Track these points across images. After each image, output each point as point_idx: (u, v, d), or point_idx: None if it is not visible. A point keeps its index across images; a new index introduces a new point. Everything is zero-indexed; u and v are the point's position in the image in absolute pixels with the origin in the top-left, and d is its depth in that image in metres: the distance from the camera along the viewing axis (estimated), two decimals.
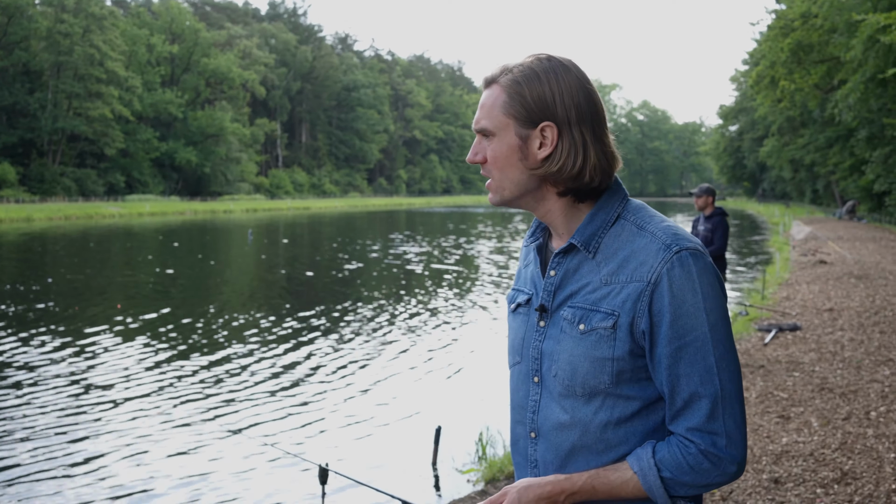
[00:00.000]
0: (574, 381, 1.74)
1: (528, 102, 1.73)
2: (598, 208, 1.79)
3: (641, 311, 1.68)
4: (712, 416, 1.67)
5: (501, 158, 1.76)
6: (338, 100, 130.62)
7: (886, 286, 16.03)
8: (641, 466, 1.70)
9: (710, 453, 1.67)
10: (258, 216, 69.91)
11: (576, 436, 1.75)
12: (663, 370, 1.69)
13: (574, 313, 1.75)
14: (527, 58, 1.78)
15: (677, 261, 1.68)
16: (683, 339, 1.67)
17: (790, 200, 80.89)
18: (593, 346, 1.71)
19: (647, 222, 1.76)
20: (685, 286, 1.67)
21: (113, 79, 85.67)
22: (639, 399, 1.73)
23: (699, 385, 1.67)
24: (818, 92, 38.55)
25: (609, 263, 1.74)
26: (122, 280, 21.38)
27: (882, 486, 5.49)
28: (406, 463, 7.22)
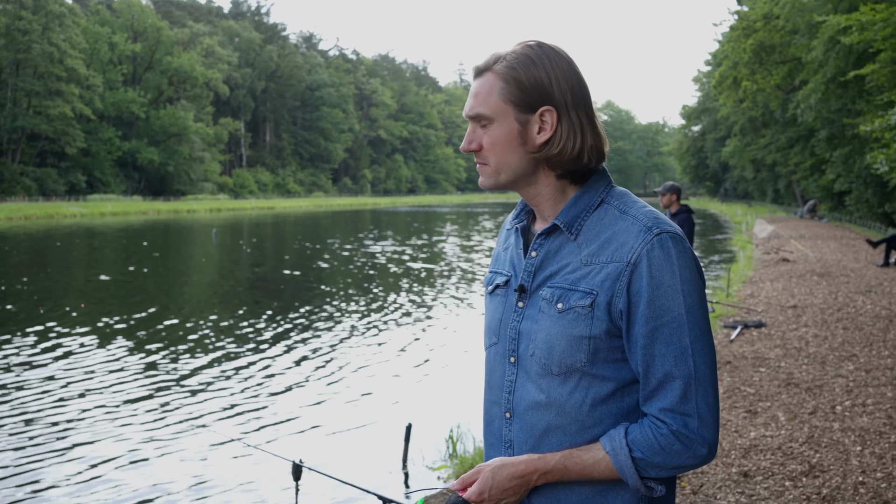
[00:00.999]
0: (551, 360, 1.76)
1: (526, 88, 1.76)
2: (582, 191, 1.83)
3: (620, 290, 1.71)
4: (685, 398, 1.70)
5: (501, 144, 1.79)
6: (302, 99, 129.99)
7: (848, 283, 16.26)
8: (613, 446, 1.72)
9: (681, 434, 1.69)
10: (222, 216, 69.41)
11: (551, 416, 1.78)
12: (639, 350, 1.71)
13: (553, 293, 1.78)
14: (516, 45, 1.81)
15: (657, 243, 1.72)
16: (660, 319, 1.70)
17: (752, 200, 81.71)
18: (571, 325, 1.74)
19: (630, 207, 1.80)
20: (664, 268, 1.70)
21: (73, 77, 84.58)
22: (614, 380, 1.76)
23: (673, 366, 1.70)
24: (780, 92, 39.04)
25: (590, 245, 1.77)
26: (85, 280, 21.11)
27: (849, 478, 5.57)
28: (377, 460, 7.21)
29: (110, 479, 6.79)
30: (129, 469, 7.01)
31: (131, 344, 12.24)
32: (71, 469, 7.00)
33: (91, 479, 6.76)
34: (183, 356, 11.49)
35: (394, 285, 19.98)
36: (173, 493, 6.50)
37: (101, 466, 7.07)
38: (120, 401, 9.10)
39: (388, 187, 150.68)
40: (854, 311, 12.75)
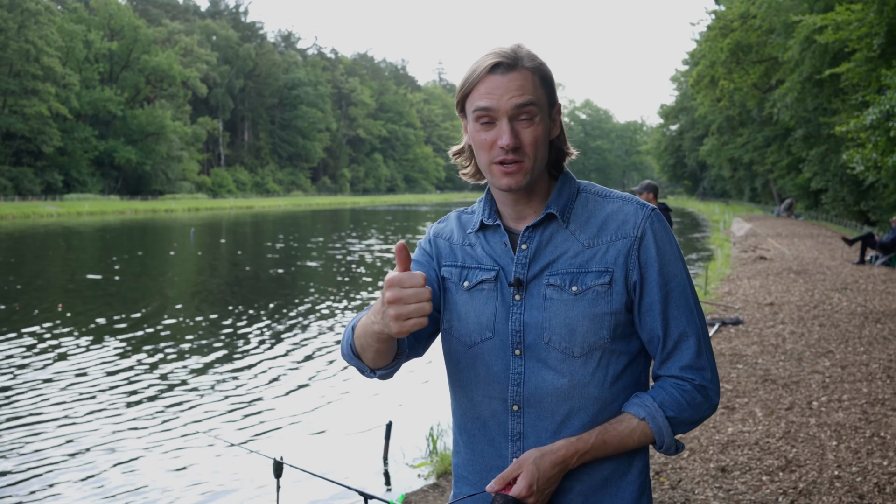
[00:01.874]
0: (572, 342, 1.81)
1: (549, 85, 1.85)
2: (561, 183, 1.91)
3: (632, 263, 1.82)
4: (699, 353, 1.85)
5: (542, 139, 1.82)
6: (280, 98, 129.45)
7: (824, 281, 16.40)
8: (649, 412, 1.82)
9: (701, 387, 1.84)
10: (200, 215, 69.06)
11: (575, 398, 1.83)
12: (657, 315, 1.83)
13: (562, 279, 1.83)
14: (518, 46, 1.84)
15: (655, 216, 1.85)
16: (669, 284, 1.83)
17: (730, 198, 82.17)
18: (591, 304, 1.81)
19: (608, 192, 1.92)
20: (664, 238, 1.84)
21: (50, 75, 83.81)
22: (626, 354, 1.86)
23: (686, 325, 1.84)
24: (756, 91, 39.29)
25: (585, 229, 1.86)
26: (62, 279, 20.96)
27: (825, 472, 5.63)
28: (358, 458, 7.22)
29: (90, 477, 6.77)
30: (109, 468, 6.99)
31: (109, 344, 12.17)
32: (49, 468, 6.97)
33: (70, 479, 6.73)
34: (162, 355, 11.44)
35: (374, 283, 19.96)
36: (153, 491, 6.49)
37: (80, 466, 7.04)
38: (98, 400, 9.06)
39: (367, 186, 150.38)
40: (830, 308, 12.87)
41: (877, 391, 7.77)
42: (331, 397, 9.40)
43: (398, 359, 1.90)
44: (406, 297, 1.60)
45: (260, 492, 6.39)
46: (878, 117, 17.06)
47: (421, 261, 2.05)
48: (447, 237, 2.04)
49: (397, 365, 1.93)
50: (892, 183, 20.15)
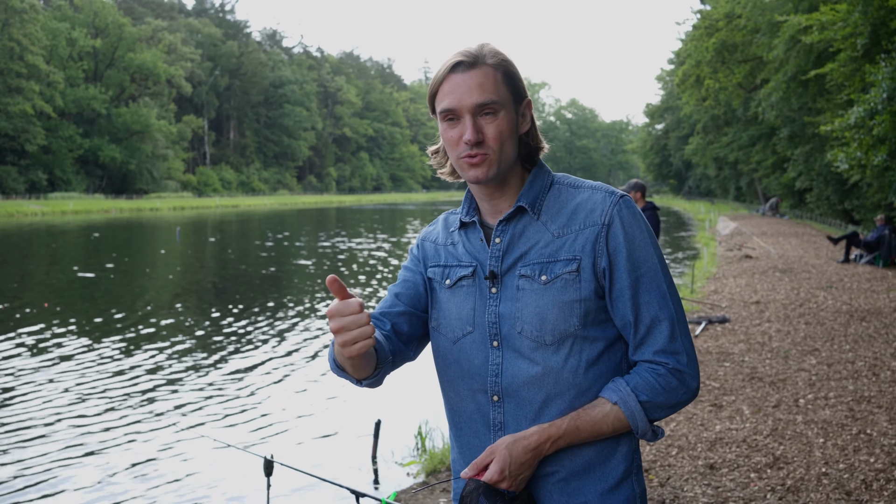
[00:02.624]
0: (543, 331, 1.85)
1: (516, 81, 1.89)
2: (533, 176, 1.96)
3: (600, 250, 1.84)
4: (673, 337, 1.85)
5: (506, 133, 1.86)
6: (266, 97, 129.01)
7: (809, 279, 16.49)
8: (621, 395, 1.83)
9: (676, 371, 1.84)
10: (186, 214, 68.78)
11: (549, 386, 1.86)
12: (626, 301, 1.85)
13: (532, 269, 1.87)
14: (483, 45, 1.89)
15: (623, 203, 1.88)
16: (639, 269, 1.85)
17: (715, 197, 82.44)
18: (560, 292, 1.84)
19: (580, 183, 1.96)
20: (633, 224, 1.86)
21: (34, 73, 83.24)
22: (602, 339, 1.88)
23: (658, 310, 1.85)
24: (742, 91, 39.43)
25: (556, 220, 1.90)
26: (49, 278, 20.85)
27: (812, 469, 5.67)
28: (347, 456, 7.22)
29: (79, 477, 6.74)
30: (100, 467, 6.97)
31: (97, 342, 12.12)
32: (35, 467, 6.94)
33: (57, 477, 6.71)
34: (151, 354, 11.40)
35: (364, 282, 19.93)
36: (144, 490, 6.47)
37: (67, 465, 7.02)
38: (86, 399, 9.02)
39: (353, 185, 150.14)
40: (816, 306, 12.94)
41: (863, 389, 7.82)
42: (320, 396, 9.39)
43: (380, 368, 1.94)
44: (346, 324, 1.67)
45: (250, 490, 6.38)
46: (862, 116, 17.16)
47: (410, 266, 2.13)
48: (433, 239, 2.11)
49: (382, 374, 1.97)
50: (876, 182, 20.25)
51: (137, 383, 9.80)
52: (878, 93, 16.61)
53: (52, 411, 8.57)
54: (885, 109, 16.28)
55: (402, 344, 2.04)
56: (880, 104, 16.43)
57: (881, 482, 5.39)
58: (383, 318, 2.05)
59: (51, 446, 7.50)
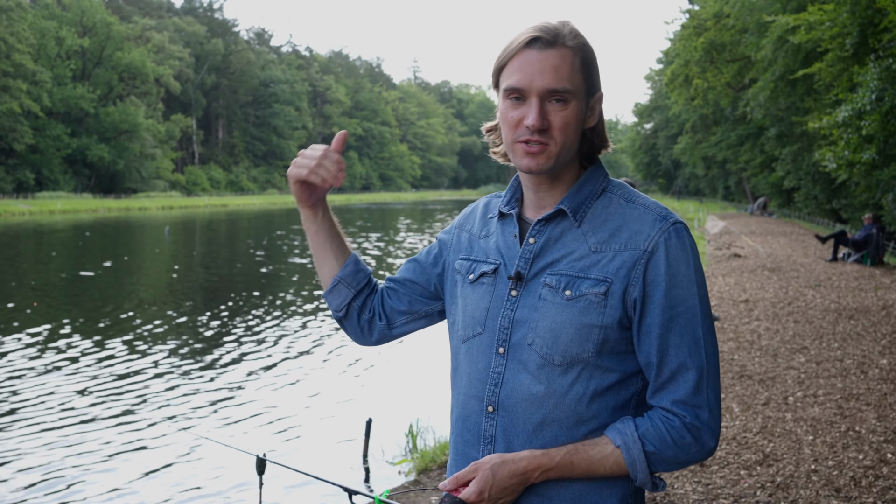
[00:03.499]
0: (554, 350, 1.69)
1: (594, 69, 1.73)
2: (584, 179, 1.78)
3: (636, 279, 1.67)
4: (698, 389, 1.67)
5: (573, 124, 1.70)
6: (254, 96, 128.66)
7: (798, 278, 16.57)
8: (625, 440, 1.67)
9: (693, 426, 1.67)
10: (174, 213, 68.59)
11: (548, 408, 1.71)
12: (653, 339, 1.67)
13: (558, 280, 1.71)
14: (563, 23, 1.74)
15: (674, 231, 1.69)
16: (675, 309, 1.66)
17: (704, 197, 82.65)
18: (581, 313, 1.68)
19: (636, 197, 1.77)
20: (680, 257, 1.67)
21: (21, 72, 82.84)
22: (617, 372, 1.71)
23: (687, 356, 1.67)
24: (730, 90, 39.51)
25: (598, 233, 1.72)
26: (37, 278, 20.76)
27: (802, 466, 5.71)
28: (338, 455, 7.24)
29: (69, 476, 6.73)
30: (91, 466, 6.97)
31: (89, 342, 12.09)
32: (26, 466, 6.93)
33: (48, 478, 6.70)
34: (143, 353, 11.39)
35: None
36: (136, 489, 6.47)
37: (59, 465, 7.01)
38: (79, 399, 9.01)
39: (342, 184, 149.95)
40: (804, 304, 13.01)
41: (851, 386, 7.87)
42: (313, 395, 9.41)
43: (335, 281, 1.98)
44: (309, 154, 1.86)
45: (243, 488, 6.39)
46: (850, 115, 17.24)
47: (433, 251, 2.04)
48: (469, 229, 1.97)
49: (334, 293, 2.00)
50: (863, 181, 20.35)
51: (129, 382, 9.79)
52: (865, 93, 16.69)
53: (41, 410, 8.55)
54: (873, 109, 16.36)
55: (381, 309, 2.02)
56: (869, 104, 16.51)
57: (870, 479, 5.44)
58: (388, 280, 2.04)
59: (41, 445, 7.48)
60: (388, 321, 2.03)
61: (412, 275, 2.03)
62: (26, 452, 7.30)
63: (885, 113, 16.08)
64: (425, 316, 2.04)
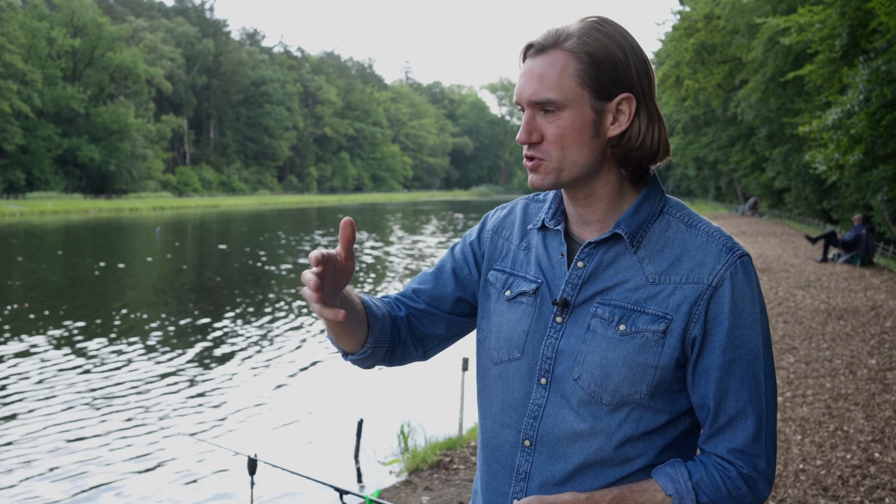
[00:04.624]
0: (603, 388, 1.55)
1: (606, 70, 1.53)
2: (643, 198, 1.61)
3: (697, 315, 1.52)
4: (757, 438, 1.55)
5: (571, 135, 1.53)
6: (246, 96, 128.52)
7: (788, 278, 16.63)
8: (678, 489, 1.53)
9: (749, 477, 1.55)
10: (166, 214, 68.48)
11: (593, 448, 1.57)
12: (712, 382, 1.54)
13: (612, 312, 1.56)
14: (581, 22, 1.57)
15: (741, 266, 1.54)
16: (738, 350, 1.53)
17: (695, 197, 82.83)
18: (637, 351, 1.53)
19: (697, 221, 1.60)
20: (745, 294, 1.53)
21: (11, 72, 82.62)
22: (667, 413, 1.58)
23: (748, 402, 1.54)
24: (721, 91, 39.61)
25: (656, 261, 1.57)
26: (29, 278, 20.72)
27: (790, 465, 5.75)
28: (329, 455, 7.26)
29: (62, 476, 6.74)
30: (83, 466, 6.97)
31: (81, 343, 12.09)
32: (18, 466, 6.93)
33: (43, 477, 6.70)
34: (134, 354, 11.39)
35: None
36: (128, 490, 6.48)
37: (53, 464, 7.01)
38: (70, 399, 9.01)
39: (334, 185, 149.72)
40: (794, 305, 13.06)
41: (840, 386, 7.92)
42: (304, 395, 9.45)
43: (370, 348, 1.67)
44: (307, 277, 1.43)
45: (234, 489, 6.41)
46: (839, 117, 17.32)
47: (458, 258, 1.82)
48: (507, 236, 1.77)
49: (373, 355, 1.70)
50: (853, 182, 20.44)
51: (120, 382, 9.80)
52: (854, 94, 16.78)
53: (32, 410, 8.54)
54: (861, 110, 16.45)
55: (413, 338, 1.76)
56: (857, 105, 16.60)
57: (857, 478, 5.48)
58: (401, 304, 1.78)
59: (32, 445, 7.49)
60: (424, 349, 1.82)
61: (448, 290, 1.80)
62: (19, 453, 7.30)
63: (871, 113, 16.16)
64: (463, 333, 1.86)
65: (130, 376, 10.14)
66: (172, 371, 10.44)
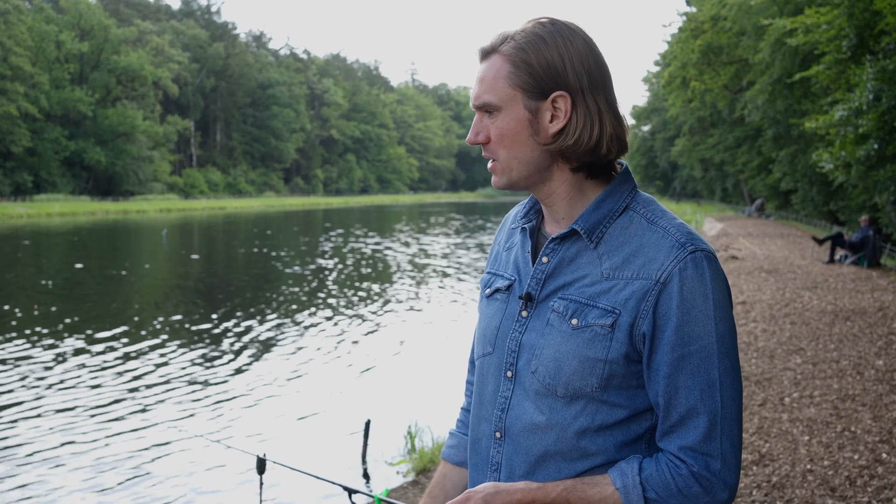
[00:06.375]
0: (557, 381, 1.57)
1: (537, 70, 1.56)
2: (606, 194, 1.63)
3: (645, 311, 1.53)
4: (709, 436, 1.52)
5: (510, 135, 1.58)
6: (253, 98, 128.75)
7: (795, 280, 16.61)
8: (625, 483, 1.54)
9: (702, 476, 1.52)
10: (172, 216, 68.63)
11: (550, 440, 1.59)
12: (661, 379, 1.54)
13: (566, 306, 1.59)
14: (527, 23, 1.62)
15: (691, 261, 1.53)
16: (687, 347, 1.52)
17: (701, 199, 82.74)
18: (586, 345, 1.55)
19: (660, 217, 1.60)
20: (696, 290, 1.52)
21: (18, 75, 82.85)
22: (626, 408, 1.58)
23: (699, 400, 1.52)
24: (727, 93, 39.59)
25: (613, 256, 1.58)
26: (38, 280, 20.78)
27: (797, 466, 5.75)
28: (337, 455, 7.28)
29: (72, 476, 6.76)
30: (92, 466, 6.99)
31: (89, 344, 12.12)
32: (28, 465, 6.95)
33: (52, 476, 6.73)
34: (144, 354, 11.42)
35: (351, 283, 19.96)
36: (137, 488, 6.50)
37: (61, 463, 7.04)
38: (80, 399, 9.04)
39: (340, 187, 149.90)
40: (801, 306, 13.04)
41: (847, 387, 7.91)
42: (312, 395, 9.46)
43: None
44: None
45: (243, 488, 6.43)
46: (847, 114, 17.28)
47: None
48: (499, 241, 1.85)
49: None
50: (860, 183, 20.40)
51: (130, 382, 9.83)
52: (862, 93, 16.74)
53: (43, 410, 8.58)
54: (870, 109, 16.41)
55: None
56: (866, 104, 16.56)
57: (865, 478, 5.48)
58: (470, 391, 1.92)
59: (43, 444, 7.51)
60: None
61: None
62: (27, 453, 7.33)
63: (882, 112, 16.12)
64: None
65: (139, 377, 10.17)
66: (181, 371, 10.47)
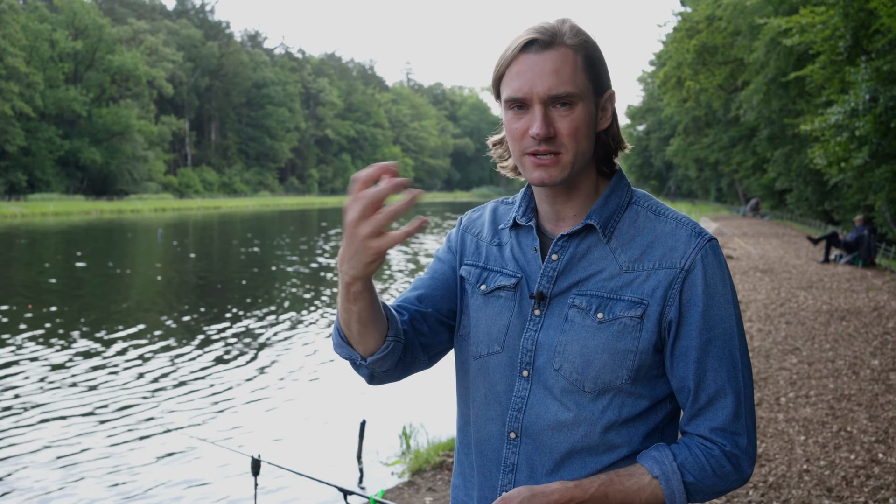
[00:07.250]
0: (585, 376, 1.58)
1: (599, 67, 1.59)
2: (611, 190, 1.65)
3: (672, 298, 1.56)
4: (737, 415, 1.58)
5: (583, 129, 1.56)
6: (247, 97, 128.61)
7: (790, 279, 16.62)
8: (664, 471, 1.56)
9: (732, 455, 1.58)
10: (167, 216, 68.53)
11: (578, 436, 1.60)
12: (691, 363, 1.57)
13: (589, 301, 1.59)
14: (557, 21, 1.59)
15: (710, 249, 1.59)
16: (713, 330, 1.57)
17: (696, 198, 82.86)
18: (615, 338, 1.57)
19: (665, 209, 1.65)
20: (716, 276, 1.57)
21: (13, 74, 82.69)
22: (648, 398, 1.61)
23: (726, 381, 1.57)
24: (722, 92, 39.66)
25: (628, 250, 1.61)
26: (32, 281, 20.73)
27: (794, 466, 5.74)
28: (332, 456, 7.25)
29: (66, 477, 6.73)
30: (86, 469, 6.96)
31: (84, 344, 12.08)
32: (22, 467, 6.92)
33: (44, 477, 6.70)
34: (138, 355, 11.39)
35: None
36: (131, 490, 6.47)
37: (55, 464, 7.01)
38: (74, 400, 9.00)
39: (335, 186, 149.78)
40: (796, 306, 13.05)
41: (843, 387, 7.91)
42: (307, 396, 9.45)
43: (390, 343, 1.59)
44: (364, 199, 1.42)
45: (238, 489, 6.40)
46: (842, 117, 17.29)
47: (443, 257, 1.83)
48: (476, 233, 1.81)
49: (391, 354, 1.61)
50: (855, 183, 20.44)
51: (124, 383, 9.80)
52: (858, 94, 16.75)
53: (37, 411, 8.54)
54: (867, 110, 16.41)
55: (419, 343, 1.72)
56: (861, 105, 16.56)
57: (861, 478, 5.47)
58: (402, 309, 1.72)
59: (36, 446, 7.48)
60: (429, 356, 1.78)
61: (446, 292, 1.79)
62: (23, 454, 7.30)
63: (878, 114, 16.13)
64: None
65: (134, 377, 10.13)
66: (175, 372, 10.44)
